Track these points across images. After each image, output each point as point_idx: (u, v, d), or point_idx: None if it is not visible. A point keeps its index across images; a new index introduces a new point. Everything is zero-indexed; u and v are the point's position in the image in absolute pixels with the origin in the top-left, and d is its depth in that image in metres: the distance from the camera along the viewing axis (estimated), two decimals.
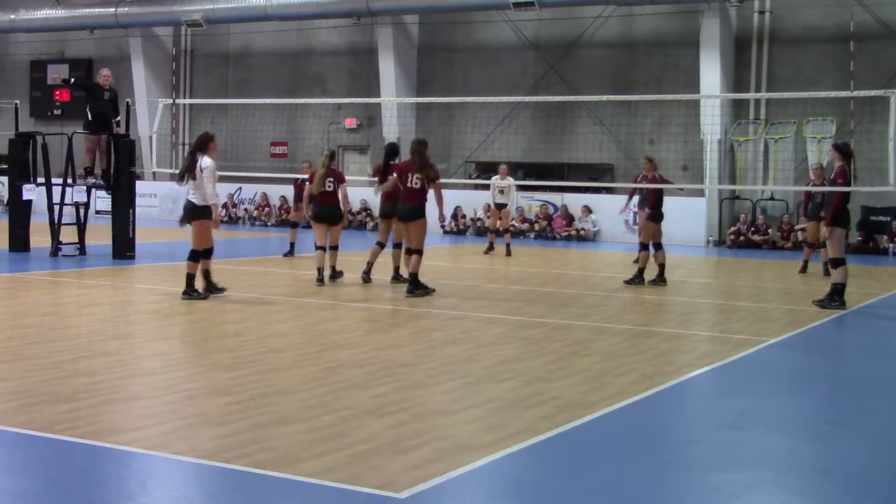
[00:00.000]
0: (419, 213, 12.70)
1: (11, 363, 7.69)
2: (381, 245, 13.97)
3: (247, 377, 7.39)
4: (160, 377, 7.46)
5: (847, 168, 12.53)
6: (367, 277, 13.72)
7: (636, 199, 16.65)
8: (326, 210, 13.67)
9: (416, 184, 12.61)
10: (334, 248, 13.83)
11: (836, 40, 23.24)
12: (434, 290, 12.70)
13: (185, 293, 11.50)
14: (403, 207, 12.81)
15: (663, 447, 6.01)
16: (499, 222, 20.16)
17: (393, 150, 14.30)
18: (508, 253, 19.30)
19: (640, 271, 14.57)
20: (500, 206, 20.03)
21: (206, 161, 11.51)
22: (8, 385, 6.92)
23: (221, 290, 11.82)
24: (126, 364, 7.85)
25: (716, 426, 6.64)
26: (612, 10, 24.90)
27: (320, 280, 13.45)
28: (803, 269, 16.98)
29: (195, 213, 11.61)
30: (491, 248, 19.78)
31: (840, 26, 23.04)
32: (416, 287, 12.52)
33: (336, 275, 13.79)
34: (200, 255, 11.66)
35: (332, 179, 13.56)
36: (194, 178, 11.51)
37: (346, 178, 14.42)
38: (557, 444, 5.90)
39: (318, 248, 13.72)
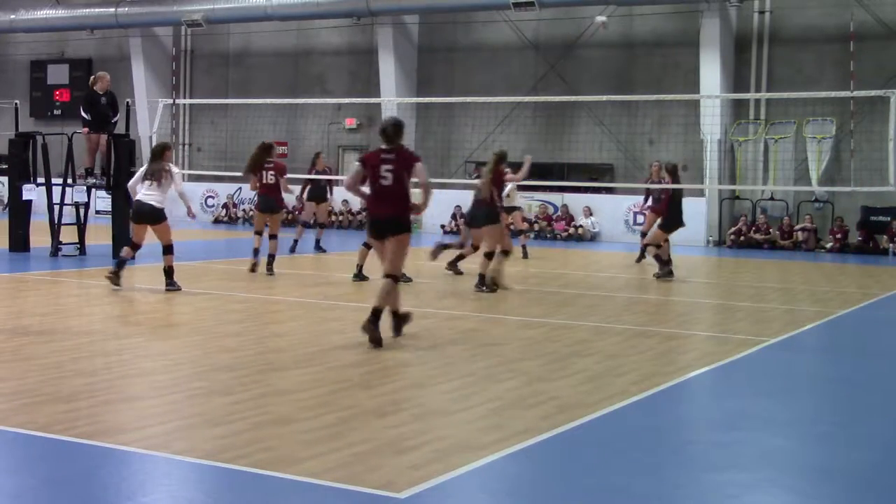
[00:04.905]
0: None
1: (11, 363, 7.69)
2: (368, 246, 13.94)
3: (247, 377, 7.39)
4: (160, 377, 7.46)
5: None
6: (359, 276, 13.77)
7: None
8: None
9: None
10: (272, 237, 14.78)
11: (836, 40, 23.23)
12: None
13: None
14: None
15: (663, 447, 6.00)
16: (511, 226, 20.09)
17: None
18: (525, 255, 19.16)
19: (665, 262, 15.21)
20: (510, 210, 19.97)
21: (174, 167, 12.51)
22: (8, 385, 6.91)
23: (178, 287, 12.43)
24: (126, 364, 7.85)
25: (716, 426, 6.65)
26: (612, 10, 24.87)
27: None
28: None
29: (158, 216, 12.34)
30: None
31: (840, 26, 23.03)
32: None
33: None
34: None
35: (272, 172, 14.95)
36: (160, 183, 12.24)
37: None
38: (557, 444, 5.90)
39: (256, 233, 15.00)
